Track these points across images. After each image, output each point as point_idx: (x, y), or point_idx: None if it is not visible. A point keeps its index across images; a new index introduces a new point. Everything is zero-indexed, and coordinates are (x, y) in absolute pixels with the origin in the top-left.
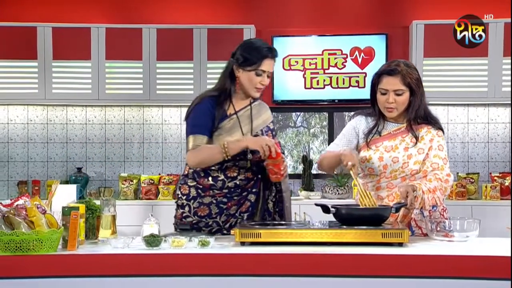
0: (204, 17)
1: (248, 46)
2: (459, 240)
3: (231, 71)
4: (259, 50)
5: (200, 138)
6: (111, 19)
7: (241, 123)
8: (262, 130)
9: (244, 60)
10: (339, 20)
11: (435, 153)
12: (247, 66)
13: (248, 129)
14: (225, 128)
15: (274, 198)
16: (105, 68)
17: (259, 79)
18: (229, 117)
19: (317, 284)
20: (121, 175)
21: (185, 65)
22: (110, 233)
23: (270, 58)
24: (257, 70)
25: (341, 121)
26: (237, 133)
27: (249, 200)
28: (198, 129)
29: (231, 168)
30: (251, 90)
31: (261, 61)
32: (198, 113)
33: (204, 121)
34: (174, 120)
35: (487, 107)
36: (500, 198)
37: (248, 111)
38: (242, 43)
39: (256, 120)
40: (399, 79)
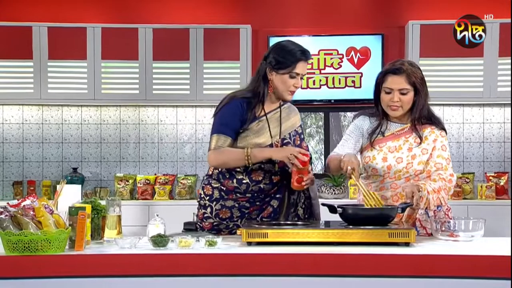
0: (200, 17)
1: (282, 49)
2: (464, 240)
3: (264, 74)
4: (292, 53)
5: (223, 138)
6: (107, 19)
7: (270, 125)
8: (290, 134)
9: (278, 63)
10: (335, 20)
11: (438, 153)
12: (281, 69)
13: (276, 132)
14: (253, 130)
15: (304, 204)
16: (101, 68)
17: (293, 81)
18: (259, 119)
19: (324, 284)
20: (117, 175)
21: (181, 65)
22: (116, 233)
23: (304, 61)
24: (291, 73)
25: (337, 121)
26: (265, 135)
27: (271, 206)
28: (223, 129)
29: (256, 172)
30: (284, 93)
31: (295, 64)
32: (227, 112)
33: (231, 121)
34: (170, 120)
35: (482, 107)
36: (495, 197)
37: (278, 114)
38: (275, 46)
39: (285, 123)
40: (404, 78)
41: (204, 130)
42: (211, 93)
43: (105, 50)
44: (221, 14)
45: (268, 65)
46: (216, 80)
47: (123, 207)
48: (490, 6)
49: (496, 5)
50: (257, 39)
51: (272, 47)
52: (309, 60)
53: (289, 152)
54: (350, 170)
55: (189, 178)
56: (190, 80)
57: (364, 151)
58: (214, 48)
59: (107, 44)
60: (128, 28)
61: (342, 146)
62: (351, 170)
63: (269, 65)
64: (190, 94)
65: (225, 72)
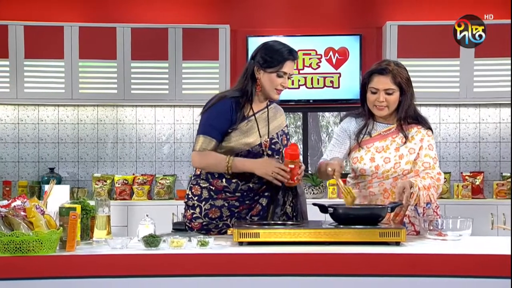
0: (179, 16)
1: (269, 48)
2: (453, 239)
3: (251, 73)
4: (280, 52)
5: (208, 141)
6: (85, 18)
7: (258, 125)
8: (277, 133)
9: (265, 61)
10: (314, 21)
11: (425, 153)
12: (269, 68)
13: (265, 132)
14: (243, 130)
15: (292, 202)
16: (78, 67)
17: (280, 80)
18: (248, 119)
19: (316, 284)
20: (95, 175)
21: (160, 65)
22: (106, 234)
23: (292, 60)
24: (278, 72)
25: (315, 121)
26: (255, 134)
27: (260, 204)
28: (209, 131)
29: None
30: (271, 92)
31: (283, 63)
32: (215, 113)
33: (219, 123)
34: (148, 120)
35: (458, 108)
36: (471, 197)
37: (265, 114)
38: (263, 45)
39: (273, 123)
40: (389, 78)
41: (182, 130)
42: (190, 93)
43: (83, 49)
44: (200, 14)
45: (256, 64)
46: (195, 80)
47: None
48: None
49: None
50: (236, 39)
51: (260, 47)
52: (296, 59)
53: (270, 170)
54: (331, 170)
55: (167, 178)
56: (169, 80)
57: (352, 152)
58: (193, 48)
59: (85, 43)
60: (106, 27)
61: (330, 152)
62: (331, 171)
63: (257, 64)
64: (169, 94)
65: (204, 72)
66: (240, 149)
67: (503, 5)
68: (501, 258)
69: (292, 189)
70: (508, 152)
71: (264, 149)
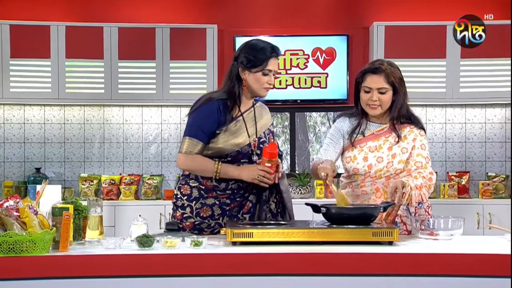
0: (166, 16)
1: (252, 47)
2: (444, 239)
3: (236, 74)
4: (263, 50)
5: (194, 143)
6: (71, 17)
7: (246, 125)
8: (264, 132)
9: (249, 61)
10: (301, 21)
11: (418, 152)
12: (254, 68)
13: (253, 131)
14: (232, 130)
15: (275, 198)
16: (65, 67)
17: (266, 78)
18: (236, 119)
19: (309, 283)
20: (81, 175)
21: (147, 65)
22: (98, 234)
23: (275, 57)
24: (263, 70)
25: (303, 121)
26: (243, 134)
27: (250, 201)
28: (196, 133)
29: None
30: (259, 91)
31: (267, 61)
32: (202, 115)
33: (206, 125)
34: (135, 119)
35: (444, 108)
36: (457, 196)
37: (252, 113)
38: (245, 45)
39: (259, 122)
40: (383, 77)
41: (170, 130)
42: (177, 93)
43: (70, 48)
44: (188, 14)
45: (240, 65)
46: (183, 79)
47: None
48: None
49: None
50: (223, 39)
51: (242, 47)
52: (279, 56)
53: (256, 174)
54: (324, 175)
55: (155, 178)
56: (156, 79)
57: (345, 151)
58: (181, 48)
59: (72, 43)
60: (93, 26)
61: (324, 151)
62: (324, 175)
63: (241, 65)
64: (156, 94)
65: (191, 72)
66: (230, 150)
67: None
68: (495, 258)
69: (276, 186)
70: (493, 151)
71: (253, 149)
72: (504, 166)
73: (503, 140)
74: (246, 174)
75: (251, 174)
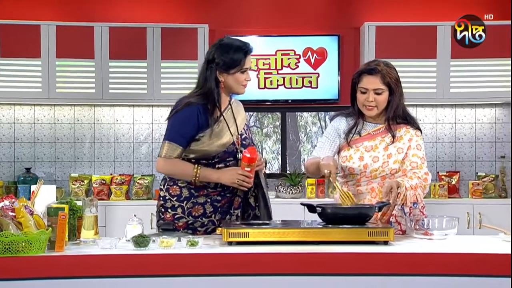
0: (157, 16)
1: (226, 49)
2: (439, 238)
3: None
4: (238, 50)
5: (173, 148)
6: (62, 16)
7: (228, 124)
8: (244, 128)
9: (225, 63)
10: (292, 21)
11: (413, 152)
12: (231, 69)
13: (234, 129)
14: (215, 132)
15: (254, 192)
16: (55, 67)
17: (244, 76)
18: (217, 120)
19: (306, 283)
20: (72, 175)
21: (138, 64)
22: (93, 234)
23: (249, 54)
24: (241, 69)
25: (294, 121)
26: (227, 134)
27: (239, 196)
28: (175, 137)
29: (222, 168)
30: (239, 89)
31: (243, 60)
32: (182, 119)
33: (185, 130)
34: (126, 119)
35: (435, 108)
36: (447, 196)
37: (230, 110)
38: (217, 46)
39: (238, 118)
40: (379, 78)
41: (161, 129)
42: (168, 93)
43: (60, 48)
44: (179, 13)
45: (218, 69)
46: (174, 79)
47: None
48: (442, 10)
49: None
50: (214, 39)
51: (215, 49)
52: (252, 51)
53: (235, 178)
54: (328, 173)
55: (146, 178)
56: (147, 79)
57: (341, 151)
58: (172, 48)
59: (62, 42)
60: (83, 26)
61: (320, 149)
62: (328, 173)
63: (218, 68)
64: (147, 94)
65: (182, 72)
66: (216, 152)
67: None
68: (490, 257)
69: (255, 180)
70: (483, 151)
71: (237, 146)
72: (494, 166)
73: (493, 140)
74: (226, 178)
75: (230, 178)
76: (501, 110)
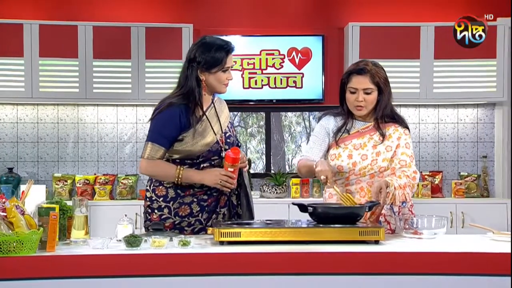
0: (142, 15)
1: (207, 48)
2: (428, 237)
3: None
4: (219, 49)
5: (156, 148)
6: (45, 15)
7: (211, 123)
8: (228, 127)
9: (207, 63)
10: (277, 21)
11: (402, 151)
12: (213, 68)
13: (218, 128)
14: (198, 132)
15: (236, 191)
16: (38, 66)
17: (225, 75)
18: (201, 120)
19: (296, 282)
20: (55, 175)
21: (122, 64)
22: (84, 234)
23: (231, 53)
24: (223, 68)
25: (278, 121)
26: (210, 133)
27: (225, 194)
28: (157, 138)
29: (207, 169)
30: (220, 88)
31: (224, 59)
32: (164, 121)
33: (167, 130)
34: (110, 119)
35: (418, 108)
36: (431, 196)
37: (213, 109)
38: (198, 45)
39: (221, 116)
40: (368, 78)
41: (145, 129)
42: (153, 92)
43: (43, 47)
44: (163, 13)
45: (199, 68)
46: (158, 79)
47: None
48: (424, 11)
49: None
50: None
51: (196, 48)
52: (233, 50)
53: (218, 179)
54: (324, 179)
55: (130, 178)
56: (131, 79)
57: (330, 149)
58: (156, 47)
59: (45, 41)
60: (67, 25)
61: (310, 149)
62: (325, 179)
63: (200, 68)
64: (131, 93)
65: (167, 71)
66: (200, 151)
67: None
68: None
69: (238, 179)
70: (466, 151)
71: (221, 145)
72: (476, 166)
73: (475, 140)
74: (209, 179)
75: (213, 179)
76: (483, 110)
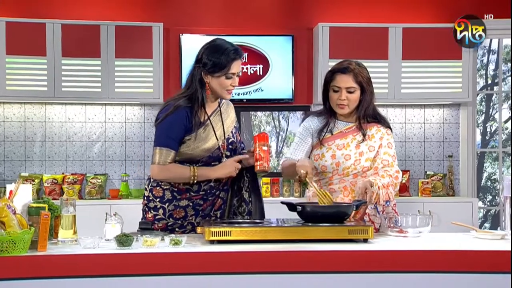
0: (111, 14)
1: (215, 50)
2: (413, 236)
3: (200, 78)
4: (226, 53)
5: (167, 153)
6: (12, 12)
7: (214, 128)
8: (232, 131)
9: (212, 66)
10: (246, 20)
11: (384, 151)
12: (216, 72)
13: (221, 133)
14: (201, 136)
15: (248, 188)
16: (5, 64)
17: (229, 81)
18: (204, 124)
19: (286, 281)
20: (22, 174)
21: (92, 62)
22: (72, 233)
23: (238, 59)
24: (227, 74)
25: (248, 120)
26: (212, 138)
27: (221, 198)
28: (167, 142)
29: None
30: (223, 94)
31: (230, 64)
32: (171, 124)
33: (175, 134)
34: (78, 118)
35: (386, 108)
36: (398, 195)
37: (218, 114)
38: (207, 47)
39: (226, 121)
40: (351, 77)
41: (114, 128)
42: (122, 91)
43: (10, 45)
44: (133, 11)
45: (203, 70)
46: (128, 78)
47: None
48: (392, 13)
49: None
50: (169, 38)
51: (205, 49)
52: (242, 57)
53: (233, 168)
54: (304, 173)
55: (98, 178)
56: (101, 77)
57: (314, 149)
58: (126, 46)
59: (12, 39)
60: (34, 23)
61: (294, 150)
62: (304, 173)
63: (204, 70)
64: (101, 92)
65: (137, 70)
66: (201, 156)
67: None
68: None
69: (247, 174)
70: (432, 151)
71: (222, 151)
72: (442, 165)
73: (441, 140)
74: (223, 172)
75: (228, 171)
76: (449, 110)
